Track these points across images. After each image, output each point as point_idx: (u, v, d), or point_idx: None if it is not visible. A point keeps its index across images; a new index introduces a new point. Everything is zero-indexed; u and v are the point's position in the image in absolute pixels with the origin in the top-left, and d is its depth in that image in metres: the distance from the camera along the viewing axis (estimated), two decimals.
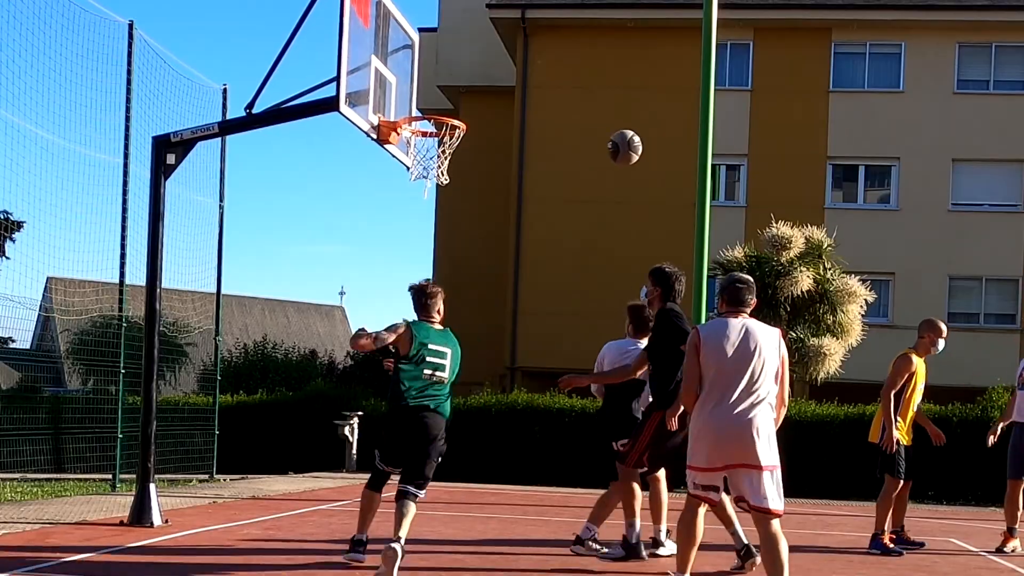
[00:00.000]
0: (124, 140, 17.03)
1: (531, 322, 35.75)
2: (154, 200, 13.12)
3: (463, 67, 42.46)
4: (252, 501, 16.54)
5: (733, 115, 36.04)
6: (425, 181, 13.93)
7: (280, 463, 25.83)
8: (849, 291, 26.58)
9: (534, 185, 37.60)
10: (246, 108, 12.93)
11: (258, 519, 14.00)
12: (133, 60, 17.10)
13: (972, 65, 37.06)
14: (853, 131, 36.97)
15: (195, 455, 21.25)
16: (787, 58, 37.09)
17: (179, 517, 13.55)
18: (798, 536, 13.56)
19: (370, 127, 12.95)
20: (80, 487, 18.03)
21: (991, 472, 22.99)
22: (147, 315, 13.16)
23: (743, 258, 27.45)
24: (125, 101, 17.06)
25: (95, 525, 12.63)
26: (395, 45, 13.99)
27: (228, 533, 12.47)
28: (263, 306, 77.96)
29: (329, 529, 13.27)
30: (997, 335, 36.37)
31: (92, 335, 23.24)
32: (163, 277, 13.33)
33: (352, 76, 12.37)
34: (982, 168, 36.85)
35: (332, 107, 12.19)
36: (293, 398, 29.05)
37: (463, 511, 16.39)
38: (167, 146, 13.11)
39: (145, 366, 13.12)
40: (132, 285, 16.91)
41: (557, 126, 37.48)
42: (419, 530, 12.19)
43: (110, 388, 19.07)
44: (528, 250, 37.41)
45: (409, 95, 14.38)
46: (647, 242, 35.80)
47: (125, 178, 17.06)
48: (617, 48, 37.38)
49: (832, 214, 35.60)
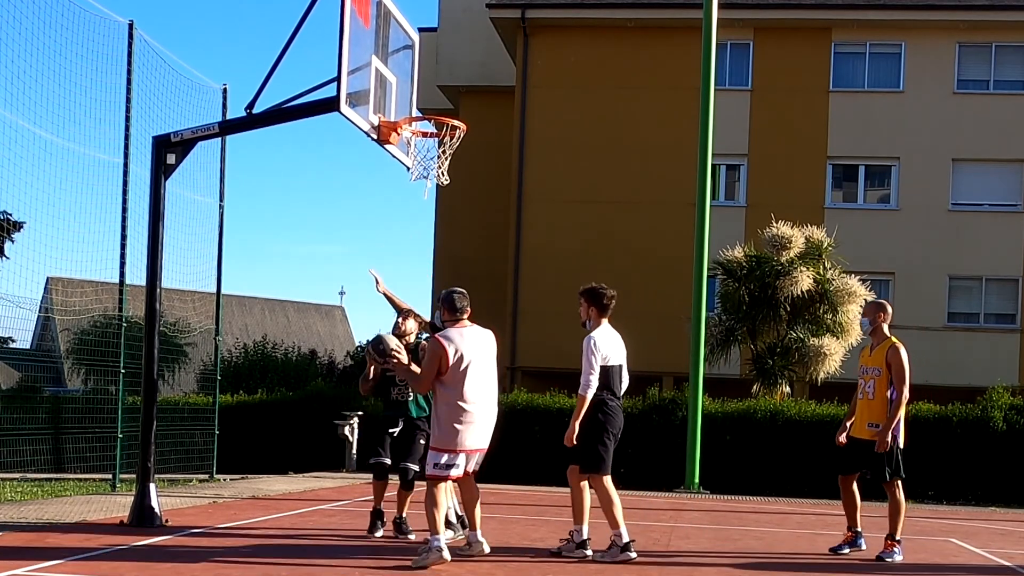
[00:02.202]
0: (124, 140, 17.04)
1: (531, 322, 35.72)
2: (154, 200, 13.12)
3: (463, 67, 42.47)
4: (252, 501, 16.53)
5: (733, 115, 36.03)
6: (425, 181, 13.93)
7: (280, 463, 25.83)
8: (849, 291, 26.60)
9: (534, 185, 37.60)
10: (246, 108, 12.93)
11: (258, 519, 14.00)
12: (133, 60, 17.11)
13: (972, 65, 37.05)
14: (853, 131, 36.96)
15: (195, 455, 21.24)
16: (787, 58, 37.09)
17: (179, 517, 13.55)
18: (798, 535, 13.57)
19: (370, 127, 12.95)
20: (80, 487, 18.04)
21: (991, 472, 23.07)
22: (147, 315, 13.16)
23: (743, 258, 27.48)
24: (125, 101, 17.07)
25: (95, 525, 12.63)
26: (395, 45, 13.99)
27: (228, 533, 12.46)
28: (263, 306, 77.95)
29: (329, 529, 13.27)
30: (997, 335, 36.40)
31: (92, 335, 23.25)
32: (163, 277, 13.32)
33: (352, 76, 12.37)
34: (982, 168, 36.84)
35: (332, 107, 12.19)
36: (293, 398, 29.04)
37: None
38: (167, 146, 13.11)
39: (145, 366, 13.12)
40: (132, 285, 16.92)
41: (557, 126, 37.49)
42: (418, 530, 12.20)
43: (110, 388, 19.07)
44: (528, 250, 37.42)
45: (409, 95, 14.38)
46: (647, 242, 35.90)
47: (125, 178, 17.07)
48: (617, 48, 37.39)
49: (832, 214, 35.62)
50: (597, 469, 11.17)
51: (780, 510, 18.81)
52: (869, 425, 12.27)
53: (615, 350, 11.34)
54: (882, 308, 12.63)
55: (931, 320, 36.08)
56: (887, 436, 12.04)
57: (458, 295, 10.96)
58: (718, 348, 27.20)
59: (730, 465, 23.48)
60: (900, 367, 12.07)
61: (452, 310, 10.91)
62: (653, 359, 33.40)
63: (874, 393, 12.26)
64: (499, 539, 11.91)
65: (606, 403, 11.23)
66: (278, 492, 18.00)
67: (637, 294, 34.25)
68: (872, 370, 12.35)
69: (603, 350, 11.15)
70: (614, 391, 11.33)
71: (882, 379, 12.20)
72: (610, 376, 11.25)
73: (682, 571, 10.95)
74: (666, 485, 22.60)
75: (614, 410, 11.31)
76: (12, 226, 20.34)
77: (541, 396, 25.43)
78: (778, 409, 23.92)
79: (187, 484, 19.49)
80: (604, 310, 11.38)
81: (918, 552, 13.20)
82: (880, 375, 12.23)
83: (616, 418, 11.31)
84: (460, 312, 10.90)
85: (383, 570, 10.26)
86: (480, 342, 10.86)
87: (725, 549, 12.86)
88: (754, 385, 26.80)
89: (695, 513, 17.52)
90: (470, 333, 10.82)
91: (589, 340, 11.16)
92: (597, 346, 11.11)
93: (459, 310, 10.90)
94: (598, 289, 11.44)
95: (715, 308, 28.56)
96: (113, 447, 17.85)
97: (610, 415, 11.25)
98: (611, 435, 11.26)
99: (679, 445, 22.90)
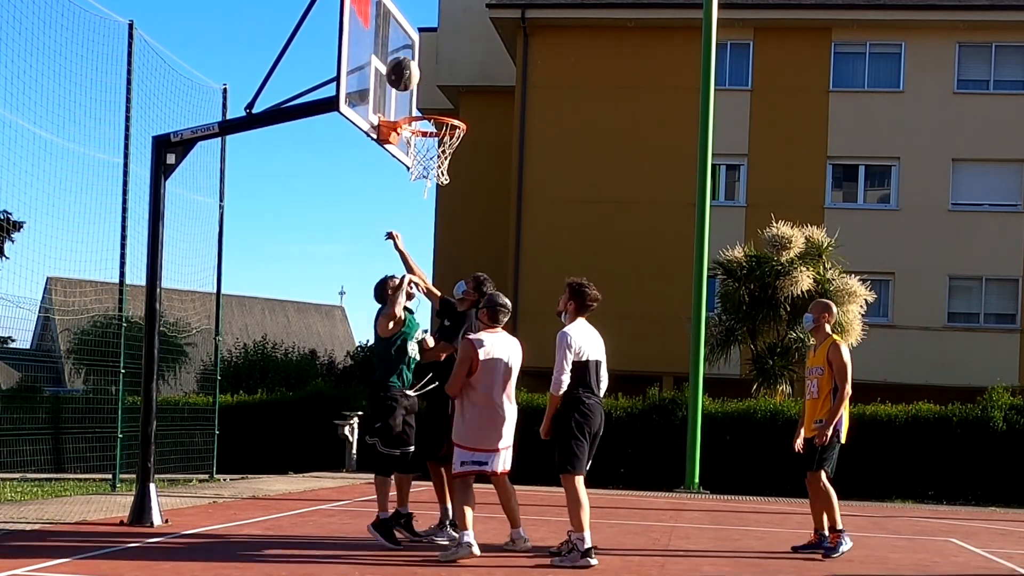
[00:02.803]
0: (124, 140, 17.05)
1: (531, 322, 35.57)
2: (154, 200, 13.12)
3: (463, 67, 42.47)
4: (252, 501, 16.54)
5: (733, 115, 36.04)
6: (425, 181, 13.92)
7: (280, 463, 25.85)
8: (849, 291, 26.61)
9: (534, 185, 37.59)
10: (246, 108, 12.93)
11: (258, 519, 14.01)
12: (133, 60, 17.13)
13: (972, 65, 37.05)
14: (853, 131, 36.96)
15: (195, 455, 21.25)
16: (787, 58, 37.09)
17: (179, 517, 13.56)
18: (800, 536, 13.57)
19: (370, 127, 12.95)
20: (80, 487, 18.05)
21: (991, 472, 23.06)
22: (147, 315, 13.16)
23: (743, 258, 27.48)
24: (125, 101, 17.09)
25: (95, 525, 12.65)
26: (395, 45, 13.98)
27: (228, 533, 12.47)
28: (263, 306, 77.97)
29: (329, 529, 13.28)
30: (997, 335, 36.39)
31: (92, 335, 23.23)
32: (163, 277, 13.33)
33: (352, 76, 12.37)
34: (982, 168, 36.84)
35: (332, 107, 12.19)
36: (293, 398, 29.07)
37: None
38: (167, 146, 13.11)
39: (145, 366, 13.12)
40: (132, 285, 16.93)
41: (557, 126, 37.48)
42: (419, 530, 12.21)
43: (110, 388, 19.07)
44: (528, 250, 37.41)
45: (409, 95, 14.35)
46: (647, 242, 35.90)
47: (125, 178, 17.08)
48: (617, 48, 37.38)
49: (832, 214, 35.62)
50: (567, 468, 10.95)
51: (780, 510, 18.81)
52: (816, 423, 12.28)
53: (591, 345, 11.11)
54: (827, 309, 12.78)
55: (931, 320, 36.10)
56: (828, 429, 12.05)
57: (502, 309, 11.33)
58: (718, 348, 27.20)
59: (730, 465, 23.48)
60: (841, 364, 12.14)
61: (492, 320, 11.30)
62: (653, 359, 33.47)
63: (818, 391, 12.32)
64: (499, 539, 11.90)
65: (582, 400, 10.96)
66: (278, 492, 18.00)
67: (637, 294, 34.31)
68: (815, 370, 12.44)
69: (577, 344, 10.94)
70: (591, 387, 11.06)
71: (825, 377, 12.26)
72: (587, 372, 11.02)
73: (682, 571, 10.95)
74: (666, 485, 22.60)
75: (592, 408, 11.02)
76: (12, 226, 20.37)
77: (541, 396, 25.40)
78: (778, 409, 23.92)
79: (187, 484, 19.49)
80: (583, 309, 11.17)
81: (918, 552, 13.21)
82: (823, 374, 12.30)
83: (593, 417, 11.03)
84: (497, 324, 11.30)
85: (384, 566, 10.27)
86: (509, 348, 11.24)
87: (725, 549, 12.86)
88: (754, 385, 26.81)
89: (695, 513, 17.53)
90: (501, 338, 11.23)
91: (564, 336, 10.97)
92: (571, 341, 10.91)
93: (497, 322, 11.30)
94: (584, 288, 11.20)
95: (715, 308, 28.56)
96: (113, 447, 17.86)
97: (587, 414, 10.97)
98: (587, 434, 10.98)
99: (679, 445, 22.90)
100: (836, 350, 12.22)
